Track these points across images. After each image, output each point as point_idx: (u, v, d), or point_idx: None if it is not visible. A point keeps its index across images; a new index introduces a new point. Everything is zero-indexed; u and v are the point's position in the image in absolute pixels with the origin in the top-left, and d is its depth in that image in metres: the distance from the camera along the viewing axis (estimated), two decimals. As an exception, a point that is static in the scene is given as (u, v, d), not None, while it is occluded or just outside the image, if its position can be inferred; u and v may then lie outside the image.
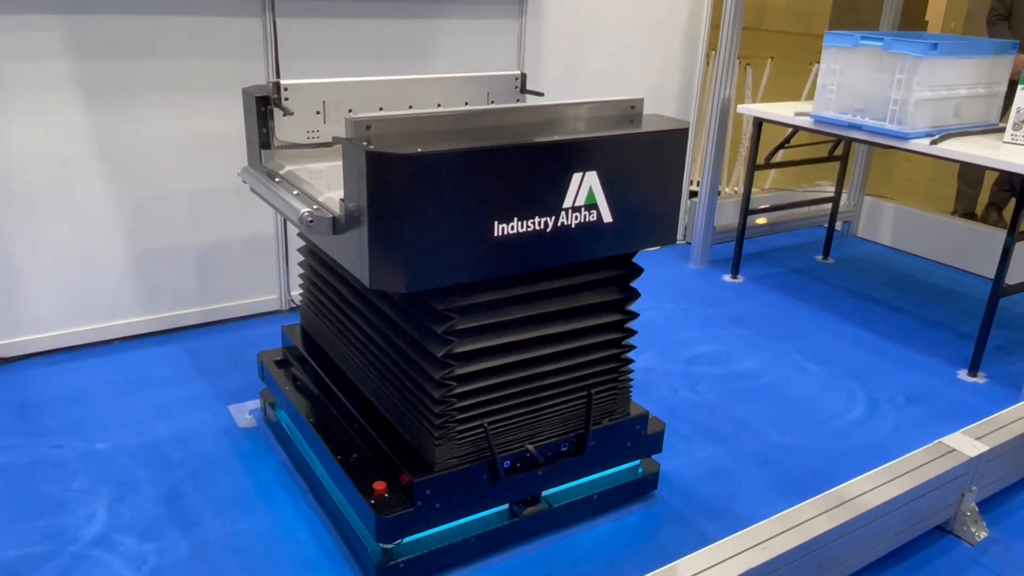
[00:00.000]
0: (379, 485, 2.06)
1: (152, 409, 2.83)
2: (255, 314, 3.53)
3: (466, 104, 2.57)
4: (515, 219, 1.88)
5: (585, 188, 1.97)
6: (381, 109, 2.43)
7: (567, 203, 1.95)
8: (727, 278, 4.27)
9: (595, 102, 2.12)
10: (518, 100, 2.67)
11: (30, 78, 2.84)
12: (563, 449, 2.24)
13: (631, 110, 2.17)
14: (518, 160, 1.85)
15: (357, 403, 2.34)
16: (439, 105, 2.53)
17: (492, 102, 2.63)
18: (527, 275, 2.03)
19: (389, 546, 2.07)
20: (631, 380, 2.34)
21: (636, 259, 2.20)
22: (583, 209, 1.98)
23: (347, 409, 2.35)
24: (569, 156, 1.92)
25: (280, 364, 2.69)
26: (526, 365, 2.11)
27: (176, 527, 2.26)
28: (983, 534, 2.39)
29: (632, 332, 2.26)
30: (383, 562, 2.06)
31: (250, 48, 3.17)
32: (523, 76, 2.67)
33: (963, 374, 3.35)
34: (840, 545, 2.06)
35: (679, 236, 4.74)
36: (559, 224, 1.95)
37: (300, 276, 2.67)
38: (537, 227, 1.92)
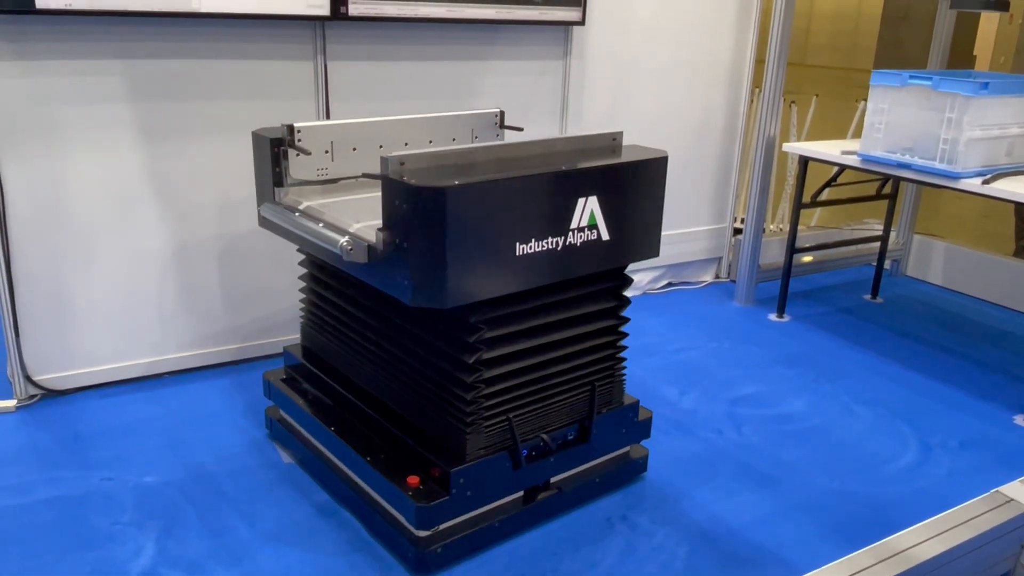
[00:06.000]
0: (412, 479, 2.28)
1: (200, 443, 2.87)
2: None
3: (453, 140, 2.85)
4: (533, 240, 2.14)
5: (588, 210, 2.23)
6: (381, 147, 2.68)
7: (573, 224, 2.21)
8: (773, 317, 4.22)
9: (586, 135, 2.43)
10: (498, 135, 2.95)
11: (92, 119, 2.95)
12: (570, 437, 2.51)
13: (612, 142, 2.48)
14: (537, 188, 2.11)
15: (375, 409, 2.52)
16: (431, 142, 2.80)
17: (476, 138, 2.91)
18: (540, 288, 2.27)
19: (427, 533, 2.25)
20: (624, 374, 2.62)
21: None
22: (586, 229, 2.24)
23: (365, 415, 2.54)
24: (576, 183, 2.19)
25: (286, 381, 2.86)
26: (540, 366, 2.37)
27: (223, 562, 2.29)
28: (1044, 588, 2.30)
29: (624, 335, 2.55)
30: (422, 548, 2.25)
31: (302, 90, 3.26)
32: (502, 113, 2.95)
33: (1020, 419, 3.25)
34: (894, 597, 2.00)
35: (724, 274, 4.71)
36: (567, 243, 2.21)
37: (301, 301, 2.85)
38: (550, 246, 2.18)
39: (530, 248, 2.13)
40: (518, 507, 2.43)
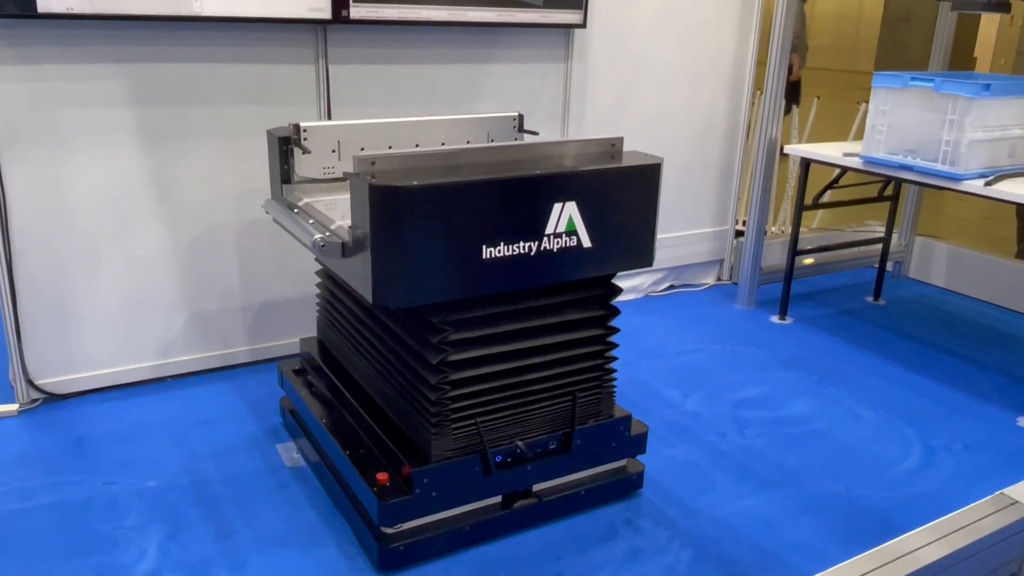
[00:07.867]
0: (382, 476, 2.28)
1: (203, 447, 2.87)
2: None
3: (468, 143, 2.81)
4: (501, 243, 2.10)
5: (565, 216, 2.18)
6: (390, 148, 2.66)
7: (549, 229, 2.16)
8: (775, 319, 4.21)
9: (580, 140, 2.36)
10: (516, 139, 2.90)
11: (94, 123, 2.95)
12: (551, 447, 2.45)
13: (612, 147, 2.38)
14: (502, 192, 2.08)
15: (365, 405, 2.55)
16: (443, 144, 2.76)
17: (492, 140, 2.84)
18: (515, 293, 2.24)
19: (391, 530, 2.26)
20: (614, 385, 2.54)
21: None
22: (564, 235, 2.19)
23: (356, 410, 2.56)
24: (548, 188, 2.14)
25: (298, 372, 2.94)
26: (515, 372, 2.33)
27: (225, 566, 2.28)
28: (1049, 591, 2.29)
29: (614, 345, 2.48)
30: (385, 544, 2.26)
31: (303, 94, 3.26)
32: (520, 117, 2.91)
33: (1023, 421, 3.25)
34: (898, 601, 1.99)
35: (726, 276, 4.70)
36: (542, 248, 2.16)
37: (317, 296, 2.91)
38: (521, 251, 2.13)
39: (498, 252, 2.09)
40: (495, 512, 2.40)
